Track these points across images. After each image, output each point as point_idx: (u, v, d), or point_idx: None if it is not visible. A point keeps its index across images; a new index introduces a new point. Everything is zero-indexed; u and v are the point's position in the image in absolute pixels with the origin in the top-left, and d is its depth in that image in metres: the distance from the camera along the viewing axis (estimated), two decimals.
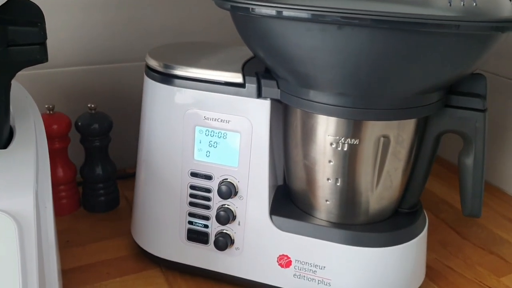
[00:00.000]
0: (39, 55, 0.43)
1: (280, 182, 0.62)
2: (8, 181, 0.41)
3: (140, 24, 0.82)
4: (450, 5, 0.43)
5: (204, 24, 0.85)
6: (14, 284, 0.39)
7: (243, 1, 0.45)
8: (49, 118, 0.68)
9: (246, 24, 0.50)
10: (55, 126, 0.68)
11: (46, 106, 0.68)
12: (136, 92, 0.75)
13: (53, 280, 0.45)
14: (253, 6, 0.44)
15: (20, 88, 0.56)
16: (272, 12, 0.44)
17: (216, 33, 0.83)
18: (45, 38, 0.43)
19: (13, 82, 0.45)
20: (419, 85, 0.48)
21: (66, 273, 0.61)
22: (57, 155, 0.70)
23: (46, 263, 0.44)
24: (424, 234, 0.59)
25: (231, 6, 0.46)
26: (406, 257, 0.57)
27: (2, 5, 0.43)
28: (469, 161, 0.55)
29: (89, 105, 0.70)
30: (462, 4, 0.43)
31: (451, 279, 0.64)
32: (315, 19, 0.42)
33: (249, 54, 0.59)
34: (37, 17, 0.43)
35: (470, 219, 0.76)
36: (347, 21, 0.41)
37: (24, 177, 0.42)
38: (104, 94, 0.81)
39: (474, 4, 0.43)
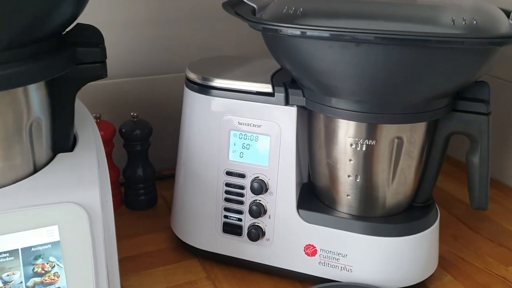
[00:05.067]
0: (101, 72, 0.48)
1: (305, 180, 0.66)
2: (78, 178, 0.47)
3: (178, 39, 0.85)
4: (454, 23, 0.48)
5: (236, 39, 0.89)
6: (87, 266, 0.44)
7: (272, 24, 0.51)
8: (97, 125, 0.74)
9: (275, 42, 0.55)
10: (101, 133, 0.72)
11: (94, 115, 0.72)
12: (172, 100, 0.80)
13: (114, 265, 0.50)
14: (281, 28, 0.50)
15: (76, 100, 0.62)
16: (297, 32, 0.50)
17: (247, 47, 0.86)
18: (106, 57, 0.48)
19: None
20: (428, 93, 0.53)
21: None
22: None
23: (108, 250, 0.48)
24: (436, 225, 0.62)
25: (263, 27, 0.51)
26: (420, 246, 0.60)
27: (70, 30, 0.49)
28: (475, 159, 0.59)
29: (131, 114, 0.75)
30: (464, 23, 0.48)
31: (463, 268, 0.67)
32: (334, 37, 0.48)
33: (277, 66, 0.63)
34: (98, 39, 0.48)
35: (481, 214, 0.79)
36: (363, 39, 0.47)
37: (90, 174, 0.48)
38: (145, 103, 0.85)
39: (475, 22, 0.49)
